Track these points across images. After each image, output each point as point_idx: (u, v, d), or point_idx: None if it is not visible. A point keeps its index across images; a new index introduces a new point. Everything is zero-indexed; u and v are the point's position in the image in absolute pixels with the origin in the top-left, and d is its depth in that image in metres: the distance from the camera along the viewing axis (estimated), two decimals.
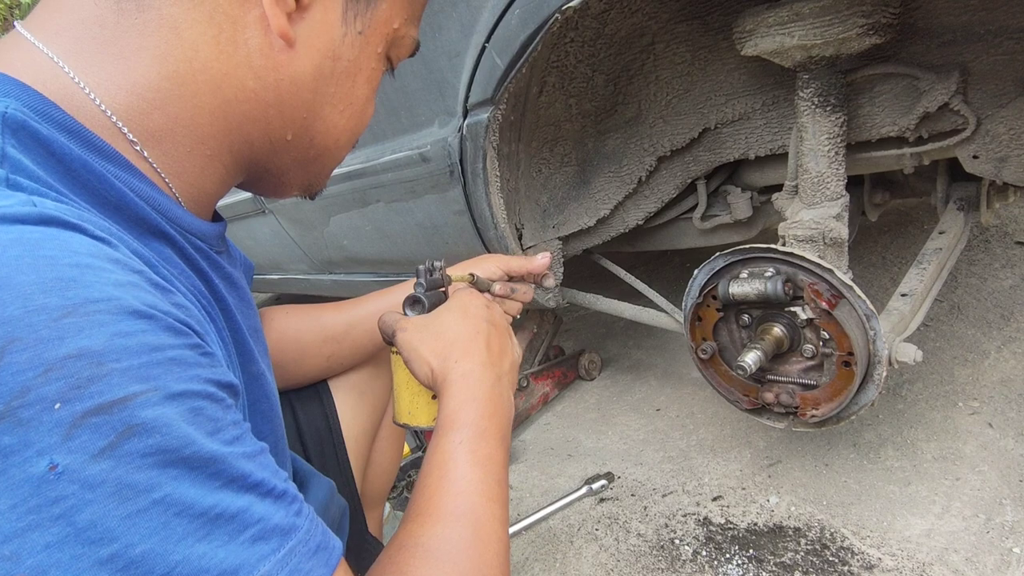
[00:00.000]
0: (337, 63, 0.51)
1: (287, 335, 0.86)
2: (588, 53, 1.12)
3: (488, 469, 0.53)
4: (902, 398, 1.37)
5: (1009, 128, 0.96)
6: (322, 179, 0.61)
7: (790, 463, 1.29)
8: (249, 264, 0.81)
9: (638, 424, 1.61)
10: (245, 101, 0.49)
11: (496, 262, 0.92)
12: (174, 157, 0.48)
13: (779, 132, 1.17)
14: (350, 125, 0.56)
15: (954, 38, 0.94)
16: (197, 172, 0.50)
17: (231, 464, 0.35)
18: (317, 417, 0.89)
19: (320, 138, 0.55)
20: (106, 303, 0.33)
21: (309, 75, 0.50)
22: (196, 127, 0.48)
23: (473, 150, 1.11)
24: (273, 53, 0.48)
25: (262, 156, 0.54)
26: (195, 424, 0.34)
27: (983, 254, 1.79)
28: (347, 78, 0.53)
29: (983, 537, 1.01)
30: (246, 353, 0.54)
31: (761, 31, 0.91)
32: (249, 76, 0.48)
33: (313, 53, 0.50)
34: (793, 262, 0.95)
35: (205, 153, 0.49)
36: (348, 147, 0.59)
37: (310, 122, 0.53)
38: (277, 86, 0.49)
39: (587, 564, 1.18)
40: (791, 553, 1.08)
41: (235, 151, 0.52)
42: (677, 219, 1.50)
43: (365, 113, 0.57)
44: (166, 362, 0.34)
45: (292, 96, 0.50)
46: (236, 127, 0.50)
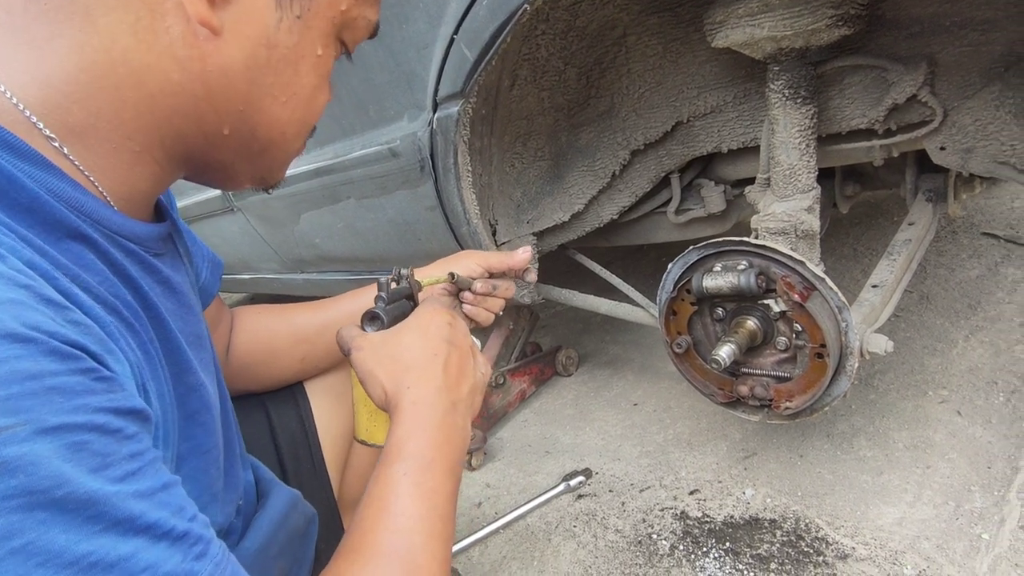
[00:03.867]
0: (273, 51, 0.47)
1: (258, 336, 0.83)
2: (560, 46, 1.11)
3: (432, 503, 0.51)
4: (874, 388, 1.39)
5: (975, 119, 0.97)
6: (276, 172, 0.57)
7: (765, 455, 1.30)
8: (217, 261, 0.78)
9: (615, 419, 1.61)
10: (172, 94, 0.45)
11: (476, 259, 0.89)
12: (99, 154, 0.44)
13: (751, 125, 1.17)
14: (297, 116, 0.52)
15: (921, 30, 0.95)
16: (126, 169, 0.46)
17: (116, 504, 0.31)
18: (292, 420, 0.85)
19: (263, 131, 0.51)
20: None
21: (241, 65, 0.46)
22: (120, 122, 0.44)
23: (444, 144, 1.09)
24: (198, 42, 0.44)
25: (199, 151, 0.50)
26: (74, 461, 0.30)
27: (951, 245, 1.82)
28: (287, 67, 0.48)
29: (953, 524, 1.02)
30: (180, 363, 0.50)
31: (731, 23, 0.91)
32: (173, 67, 0.44)
33: (243, 41, 0.45)
34: (765, 255, 0.95)
35: (133, 149, 0.46)
36: (299, 139, 0.55)
37: (249, 115, 0.49)
38: (205, 77, 0.45)
39: (565, 561, 1.18)
40: (767, 545, 1.09)
41: (167, 146, 0.48)
42: (652, 213, 1.50)
43: (314, 102, 0.53)
44: (43, 392, 0.30)
45: (223, 88, 0.46)
46: (165, 121, 0.46)
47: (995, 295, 1.56)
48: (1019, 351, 1.36)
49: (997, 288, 1.59)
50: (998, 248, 1.74)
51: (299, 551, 0.69)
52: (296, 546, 0.68)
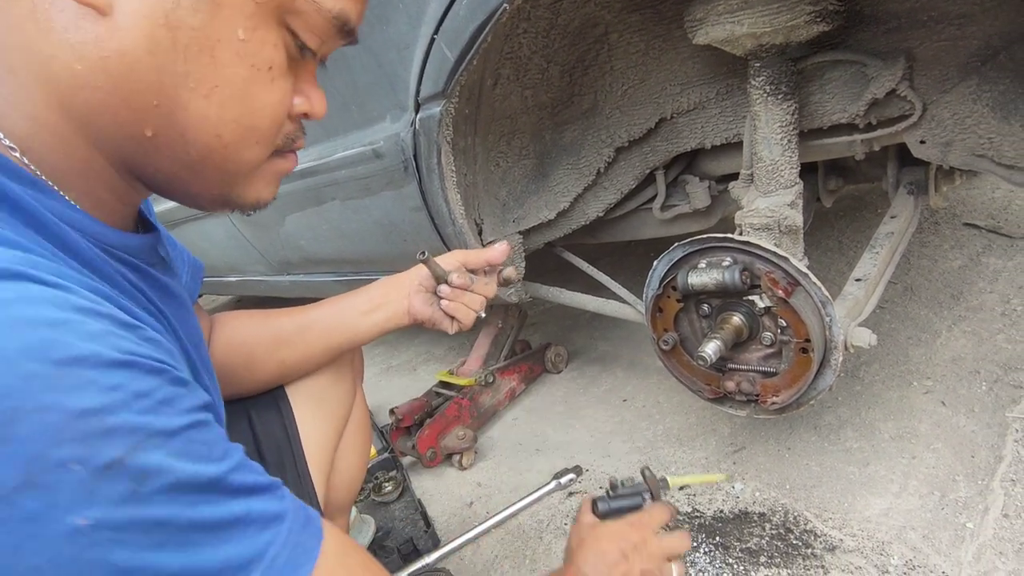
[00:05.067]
0: (177, 33, 0.41)
1: (236, 340, 0.83)
2: (542, 44, 1.11)
3: None
4: (859, 380, 1.40)
5: (953, 113, 0.98)
6: (236, 189, 0.50)
7: (754, 449, 1.31)
8: (198, 265, 0.78)
9: (605, 416, 1.61)
10: (80, 88, 0.41)
11: (453, 255, 0.89)
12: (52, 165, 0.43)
13: (734, 121, 1.18)
14: (229, 114, 0.45)
15: (899, 25, 0.95)
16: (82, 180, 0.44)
17: (228, 479, 0.39)
18: (275, 427, 0.85)
19: (193, 133, 0.45)
20: (91, 359, 0.34)
21: (141, 49, 0.41)
22: (53, 126, 0.42)
23: (427, 145, 1.08)
24: (88, 25, 0.40)
25: (137, 158, 0.46)
26: (192, 454, 0.37)
27: (933, 236, 1.84)
28: (199, 52, 0.42)
29: (938, 514, 1.03)
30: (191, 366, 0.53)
31: (711, 19, 0.91)
32: (73, 57, 0.40)
33: (139, 21, 0.40)
34: (749, 251, 0.95)
35: (79, 156, 0.44)
36: (245, 146, 0.47)
37: (168, 111, 0.43)
38: (104, 66, 0.41)
39: (557, 559, 1.18)
40: (756, 538, 1.09)
41: (105, 153, 0.45)
42: (637, 210, 1.50)
43: (251, 98, 0.45)
44: (156, 405, 0.36)
45: (127, 77, 0.41)
46: (85, 121, 0.43)
47: (977, 285, 1.58)
48: (1001, 340, 1.37)
49: (979, 278, 1.61)
50: (979, 238, 1.76)
51: None
52: None
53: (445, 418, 1.56)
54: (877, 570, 0.97)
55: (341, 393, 0.92)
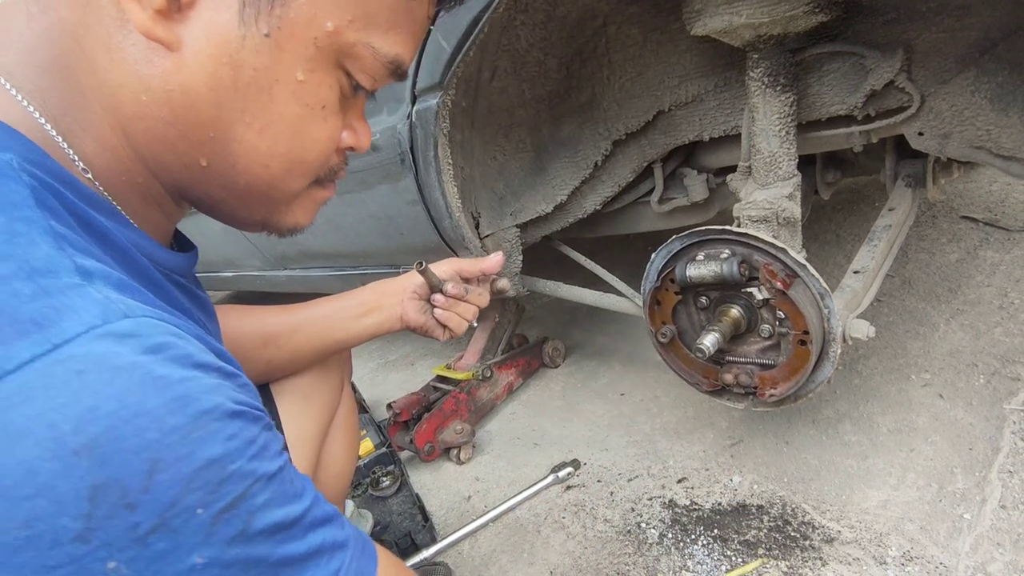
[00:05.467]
0: (239, 72, 0.43)
1: (226, 335, 0.81)
2: (540, 36, 1.10)
3: None
4: (858, 373, 1.40)
5: (951, 105, 0.97)
6: (277, 215, 0.53)
7: (752, 442, 1.31)
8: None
9: (603, 410, 1.61)
10: (143, 118, 0.44)
11: (448, 264, 0.89)
12: (117, 187, 0.45)
13: (732, 113, 1.17)
14: (280, 149, 0.47)
15: (897, 16, 0.95)
16: (141, 202, 0.47)
17: (307, 515, 0.42)
18: None
19: (243, 164, 0.47)
20: (214, 412, 0.37)
21: (203, 85, 0.43)
22: (116, 149, 0.44)
23: (423, 138, 1.08)
24: (156, 59, 0.42)
25: (186, 184, 0.48)
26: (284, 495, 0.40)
27: (931, 229, 1.84)
28: (259, 91, 0.44)
29: (936, 506, 1.04)
30: None
31: (710, 11, 0.90)
32: (140, 87, 0.42)
33: (205, 59, 0.42)
34: (748, 243, 0.95)
35: (137, 181, 0.46)
36: (291, 177, 0.50)
37: (222, 143, 0.46)
38: (169, 99, 0.43)
39: (555, 552, 1.18)
40: (754, 531, 1.09)
41: (159, 177, 0.47)
42: (635, 203, 1.50)
43: (302, 134, 0.48)
44: (260, 450, 0.39)
45: (188, 111, 0.44)
46: (145, 148, 0.45)
47: (975, 278, 1.58)
48: (998, 333, 1.37)
49: (976, 271, 1.61)
50: (977, 231, 1.76)
51: None
52: None
53: (443, 412, 1.56)
54: (875, 561, 0.97)
55: (327, 390, 0.92)
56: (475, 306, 0.88)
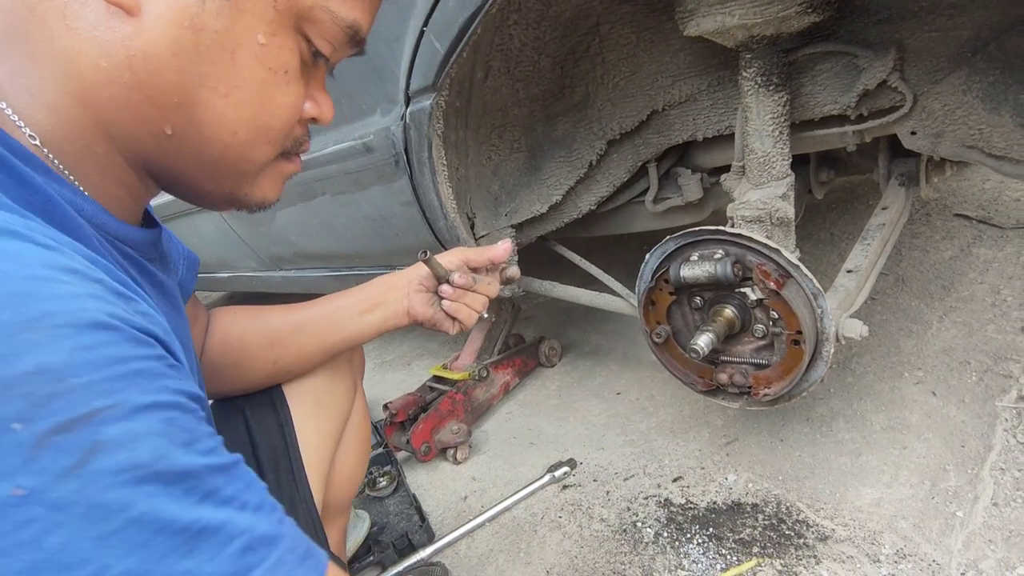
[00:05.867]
0: (201, 35, 0.43)
1: (231, 337, 0.82)
2: (533, 36, 1.10)
3: None
4: (851, 371, 1.40)
5: (943, 104, 0.98)
6: (244, 187, 0.53)
7: (747, 440, 1.32)
8: (193, 258, 0.77)
9: (599, 409, 1.61)
10: (105, 84, 0.43)
11: (454, 254, 0.87)
12: (70, 156, 0.44)
13: (725, 113, 1.18)
14: (245, 114, 0.47)
15: (890, 15, 0.95)
16: (98, 173, 0.46)
17: (206, 477, 0.34)
18: (271, 428, 0.83)
19: (210, 130, 0.47)
20: (65, 315, 0.31)
21: (166, 50, 0.43)
22: (75, 119, 0.43)
23: (417, 139, 1.07)
24: (116, 24, 0.42)
25: (154, 156, 0.48)
26: (167, 436, 0.33)
27: (924, 227, 1.85)
28: (221, 54, 0.44)
29: (929, 503, 1.04)
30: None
31: (702, 11, 0.90)
32: (99, 53, 0.42)
33: (165, 23, 0.42)
34: (741, 243, 0.95)
35: (96, 151, 0.45)
36: (258, 144, 0.50)
37: (188, 110, 0.45)
38: (130, 64, 0.42)
39: (551, 552, 1.18)
40: (749, 529, 1.10)
41: (122, 148, 0.46)
42: (630, 203, 1.50)
43: (268, 100, 0.48)
44: (131, 374, 0.33)
45: (151, 76, 0.43)
46: (107, 117, 0.44)
47: (968, 276, 1.59)
48: (991, 331, 1.38)
49: (970, 269, 1.61)
50: (970, 229, 1.77)
51: None
52: None
53: (439, 413, 1.56)
54: (868, 559, 0.98)
55: (340, 392, 0.90)
56: (484, 296, 0.85)
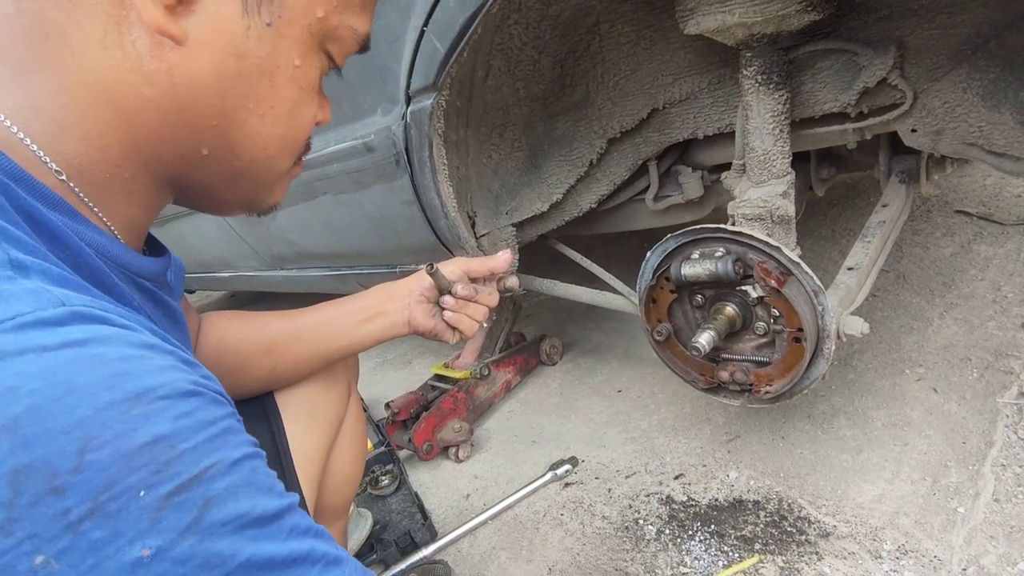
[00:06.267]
0: (243, 61, 0.45)
1: (228, 343, 0.81)
2: (533, 35, 1.10)
3: None
4: (853, 368, 1.41)
5: (944, 102, 0.98)
6: (262, 194, 0.55)
7: (748, 438, 1.32)
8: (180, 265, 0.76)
9: (601, 407, 1.62)
10: (144, 111, 0.44)
11: (456, 264, 0.87)
12: (98, 186, 0.45)
13: (726, 111, 1.18)
14: (278, 131, 0.50)
15: (890, 13, 0.95)
16: (122, 200, 0.47)
17: (289, 515, 0.38)
18: (263, 437, 0.81)
19: (243, 148, 0.49)
20: (163, 389, 0.34)
21: (210, 76, 0.44)
22: (107, 147, 0.44)
23: (418, 138, 1.08)
24: (163, 54, 0.43)
25: (181, 173, 0.49)
26: (256, 485, 0.37)
27: (925, 224, 1.85)
28: (261, 77, 0.47)
29: (930, 499, 1.04)
30: None
31: (702, 9, 0.90)
32: (143, 82, 0.43)
33: (211, 51, 0.44)
34: (742, 241, 0.95)
35: (124, 177, 0.46)
36: (284, 157, 0.53)
37: (225, 131, 0.47)
38: (175, 91, 0.44)
39: (553, 549, 1.19)
40: (751, 526, 1.10)
41: (152, 170, 0.47)
42: (630, 201, 1.50)
43: (298, 117, 0.51)
44: (222, 433, 0.36)
45: (194, 101, 0.45)
46: (144, 142, 0.45)
47: (968, 272, 1.59)
48: (992, 327, 1.38)
49: (970, 265, 1.62)
50: (971, 225, 1.77)
51: None
52: None
53: (441, 411, 1.56)
54: (870, 555, 0.98)
55: (334, 398, 0.90)
56: (485, 306, 0.86)
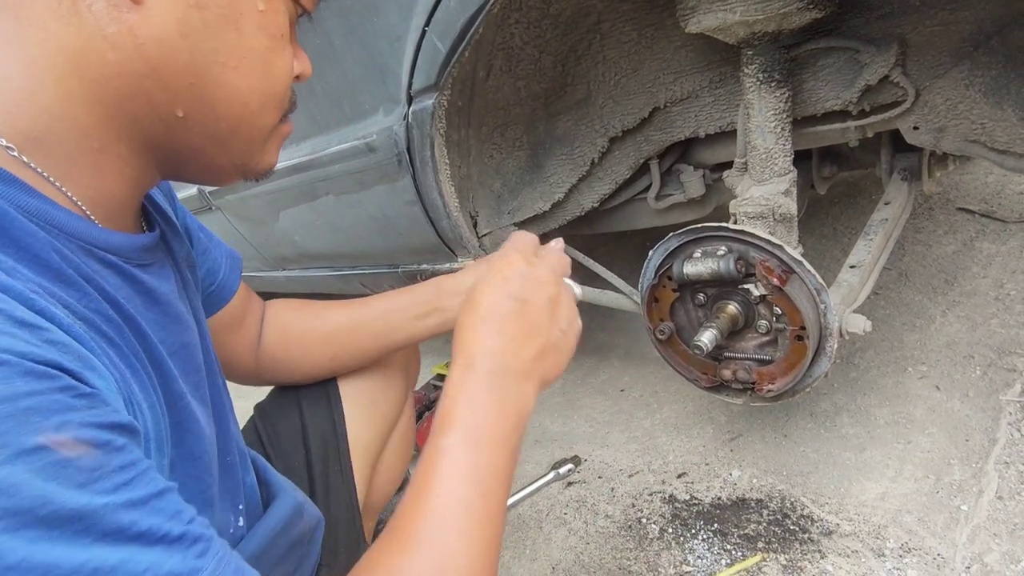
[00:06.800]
0: (206, 11, 0.44)
1: (290, 331, 0.85)
2: (534, 34, 1.10)
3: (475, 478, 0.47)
4: (855, 366, 1.41)
5: (945, 99, 0.97)
6: (255, 155, 0.53)
7: (751, 436, 1.32)
8: (236, 257, 0.80)
9: (603, 406, 1.62)
10: (113, 77, 0.43)
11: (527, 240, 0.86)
12: (60, 158, 0.43)
13: (727, 109, 1.17)
14: (255, 83, 0.48)
15: (891, 10, 0.95)
16: (91, 172, 0.45)
17: (106, 517, 0.32)
18: (323, 419, 0.87)
19: (224, 106, 0.48)
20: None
21: (175, 32, 0.43)
22: (72, 118, 0.43)
23: (420, 138, 1.08)
24: (122, 15, 0.42)
25: (162, 140, 0.48)
26: (59, 478, 0.31)
27: (927, 221, 1.84)
28: (227, 27, 0.45)
29: (933, 497, 1.04)
30: (164, 373, 0.49)
31: (703, 8, 0.90)
32: (106, 47, 0.42)
33: (171, 5, 0.43)
34: (744, 239, 0.95)
35: (93, 147, 0.44)
36: (267, 111, 0.51)
37: (202, 89, 0.46)
38: (142, 52, 0.43)
39: (557, 549, 1.19)
40: (754, 524, 1.10)
41: (127, 138, 0.46)
42: (632, 200, 1.50)
43: (272, 66, 0.49)
44: (20, 413, 0.31)
45: (164, 60, 0.44)
46: (116, 109, 0.44)
47: (971, 270, 1.59)
48: (995, 325, 1.38)
49: (973, 263, 1.61)
50: (973, 223, 1.77)
51: (303, 556, 0.70)
52: (299, 552, 0.69)
53: None
54: (873, 554, 0.98)
55: (392, 398, 0.94)
56: None
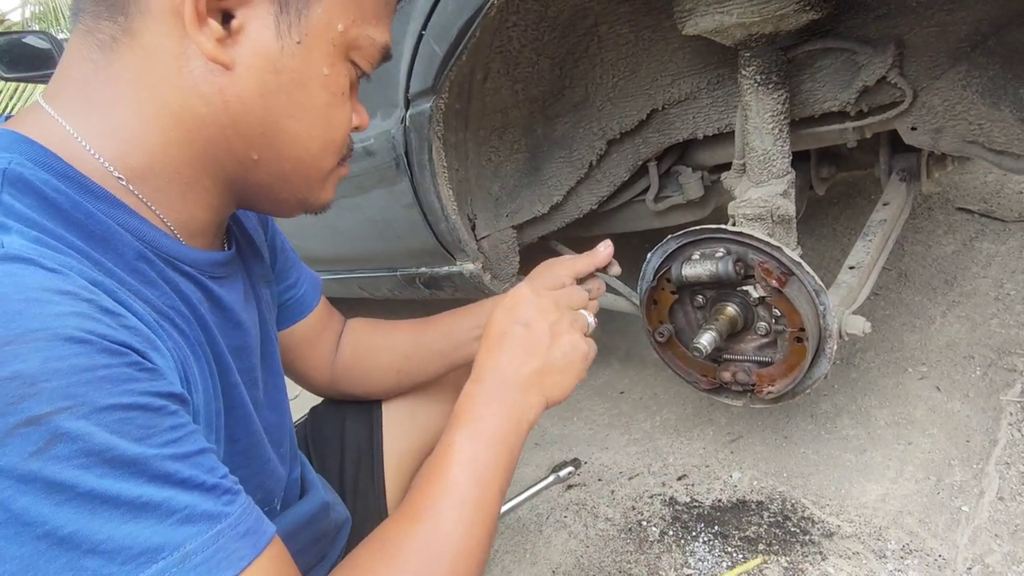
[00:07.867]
0: (281, 76, 0.53)
1: (361, 349, 0.93)
2: (532, 37, 1.10)
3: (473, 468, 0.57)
4: (855, 367, 1.40)
5: (943, 100, 0.97)
6: (314, 192, 0.62)
7: (751, 438, 1.32)
8: (315, 279, 0.89)
9: (603, 408, 1.61)
10: (204, 127, 0.53)
11: (563, 268, 0.85)
12: (157, 188, 0.53)
13: (725, 111, 1.17)
14: (316, 132, 0.57)
15: (888, 11, 0.95)
16: (180, 200, 0.55)
17: (155, 464, 0.40)
18: (362, 426, 0.95)
19: (288, 150, 0.57)
20: (42, 332, 0.38)
21: (255, 92, 0.53)
22: (170, 159, 0.53)
23: (418, 141, 1.08)
24: (215, 79, 0.51)
25: (238, 177, 0.57)
26: (120, 433, 0.39)
27: (927, 221, 1.84)
28: (296, 87, 0.54)
29: (934, 498, 1.04)
30: (223, 365, 0.59)
31: (700, 10, 0.90)
32: (200, 103, 0.52)
33: (254, 71, 0.52)
34: (743, 241, 0.95)
35: (182, 182, 0.55)
36: (327, 155, 0.60)
37: (271, 137, 0.55)
38: (226, 108, 0.53)
39: (557, 552, 1.18)
40: (755, 527, 1.10)
41: (210, 175, 0.56)
42: (631, 202, 1.50)
43: (332, 117, 0.58)
44: (96, 380, 0.39)
45: (243, 114, 0.53)
46: (203, 152, 0.54)
47: (971, 270, 1.59)
48: (995, 325, 1.38)
49: (972, 263, 1.61)
50: (972, 223, 1.77)
51: (326, 551, 0.77)
52: (322, 546, 0.76)
53: None
54: (874, 555, 0.98)
55: (434, 414, 0.98)
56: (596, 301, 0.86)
